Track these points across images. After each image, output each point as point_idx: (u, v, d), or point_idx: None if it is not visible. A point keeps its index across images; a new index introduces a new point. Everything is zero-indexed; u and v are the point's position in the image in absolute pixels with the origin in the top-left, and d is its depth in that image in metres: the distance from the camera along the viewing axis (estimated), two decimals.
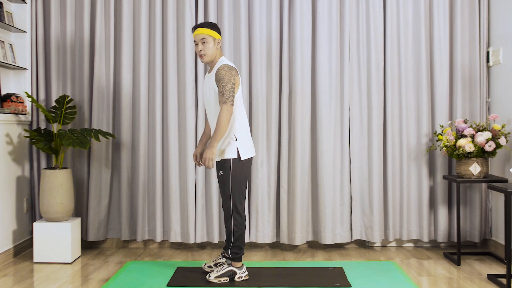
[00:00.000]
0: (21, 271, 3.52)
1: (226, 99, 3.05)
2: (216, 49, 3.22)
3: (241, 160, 3.16)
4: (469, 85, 4.10)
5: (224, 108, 3.05)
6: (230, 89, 3.07)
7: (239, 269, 3.24)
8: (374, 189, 4.06)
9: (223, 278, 3.21)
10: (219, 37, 3.23)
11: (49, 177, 3.71)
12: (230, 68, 3.14)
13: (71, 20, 4.11)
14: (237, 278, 3.23)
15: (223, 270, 3.22)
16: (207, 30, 3.18)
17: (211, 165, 3.06)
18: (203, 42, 3.18)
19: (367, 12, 4.08)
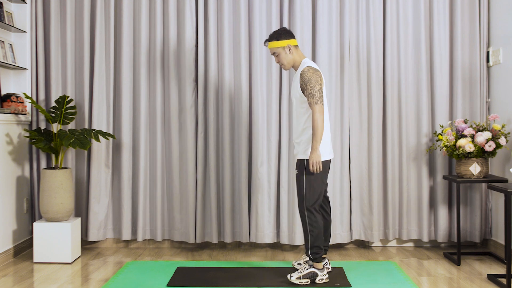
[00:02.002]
0: (21, 271, 3.52)
1: (317, 100, 3.06)
2: (291, 54, 3.23)
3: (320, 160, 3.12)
4: (469, 85, 4.10)
5: (316, 109, 3.05)
6: (319, 90, 3.08)
7: (321, 271, 3.19)
8: (374, 189, 4.06)
9: (304, 279, 3.16)
10: (287, 43, 3.21)
11: (49, 177, 3.71)
12: (315, 70, 3.14)
13: (71, 20, 4.11)
14: (318, 280, 3.17)
15: (305, 271, 3.16)
16: (273, 43, 3.22)
17: (319, 168, 3.07)
18: (276, 55, 3.25)
19: (367, 12, 4.08)
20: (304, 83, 3.11)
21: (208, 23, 4.09)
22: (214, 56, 4.08)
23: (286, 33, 3.24)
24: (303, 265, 3.22)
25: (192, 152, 4.07)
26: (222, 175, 4.08)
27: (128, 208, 4.12)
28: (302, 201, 3.16)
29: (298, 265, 3.47)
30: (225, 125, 4.06)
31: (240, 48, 4.07)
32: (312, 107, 3.08)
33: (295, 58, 3.25)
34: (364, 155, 4.10)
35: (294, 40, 3.25)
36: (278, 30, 3.26)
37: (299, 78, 3.15)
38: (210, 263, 3.69)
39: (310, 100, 3.08)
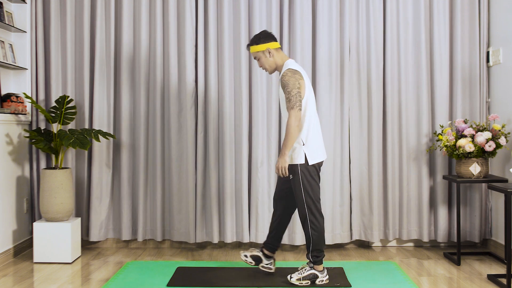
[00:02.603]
0: (21, 271, 3.52)
1: (293, 105, 3.00)
2: (272, 57, 3.19)
3: (309, 165, 3.11)
4: (469, 85, 4.10)
5: (292, 113, 3.00)
6: (296, 94, 3.02)
7: (321, 272, 3.19)
8: (374, 189, 4.06)
9: (304, 281, 3.16)
10: (266, 47, 3.18)
11: (49, 177, 3.71)
12: (294, 73, 3.09)
13: (71, 20, 4.11)
14: (318, 281, 3.18)
15: (305, 273, 3.17)
16: (253, 48, 3.20)
17: (285, 173, 3.06)
18: (257, 60, 3.23)
19: (367, 12, 4.08)
20: (283, 87, 3.08)
21: (208, 23, 4.09)
22: (214, 56, 4.08)
23: (265, 36, 3.20)
24: (304, 267, 3.22)
25: (192, 152, 4.07)
26: (222, 175, 4.08)
27: (128, 208, 4.12)
28: (303, 206, 3.13)
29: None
30: (225, 125, 4.06)
31: (240, 48, 4.06)
32: (288, 111, 3.03)
33: (277, 61, 3.21)
34: (364, 155, 4.10)
35: (274, 42, 3.20)
36: (258, 34, 3.23)
37: (280, 81, 3.13)
38: (210, 263, 3.69)
39: (287, 104, 3.04)
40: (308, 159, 3.10)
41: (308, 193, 3.12)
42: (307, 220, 3.13)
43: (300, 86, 3.06)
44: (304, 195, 3.12)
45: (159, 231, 4.12)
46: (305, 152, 3.10)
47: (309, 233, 3.13)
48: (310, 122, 3.13)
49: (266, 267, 3.36)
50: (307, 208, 3.12)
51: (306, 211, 3.13)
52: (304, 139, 3.11)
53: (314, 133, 3.14)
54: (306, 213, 3.13)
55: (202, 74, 4.10)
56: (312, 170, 3.13)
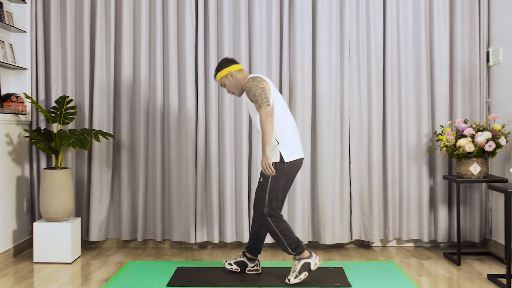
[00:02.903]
0: (21, 271, 3.52)
1: (260, 103, 3.03)
2: (236, 80, 3.25)
3: (284, 162, 3.11)
4: (469, 85, 4.10)
5: (262, 111, 3.02)
6: (260, 93, 3.05)
7: (310, 257, 3.18)
8: (374, 189, 4.06)
9: (302, 274, 3.16)
10: (227, 71, 3.24)
11: (49, 177, 3.71)
12: (254, 78, 3.14)
13: (71, 20, 4.11)
14: (313, 267, 3.17)
15: (298, 268, 3.16)
16: (217, 76, 3.28)
17: (271, 171, 3.05)
18: (224, 85, 3.29)
19: (367, 12, 4.08)
20: (247, 94, 3.12)
21: (208, 23, 4.09)
22: (214, 56, 4.08)
23: (225, 62, 3.27)
24: (294, 263, 3.23)
25: (192, 152, 4.07)
26: (222, 175, 4.08)
27: (128, 208, 4.12)
28: (263, 207, 3.13)
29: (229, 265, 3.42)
30: (225, 125, 4.06)
31: (240, 48, 4.07)
32: (258, 111, 3.05)
33: (241, 81, 3.26)
34: (364, 155, 4.10)
35: (234, 65, 3.27)
36: (220, 62, 3.31)
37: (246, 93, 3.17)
38: (210, 263, 3.69)
39: (256, 106, 3.07)
40: (284, 157, 3.11)
41: (275, 192, 3.12)
42: (269, 222, 3.11)
43: (264, 86, 3.10)
44: (268, 193, 3.11)
45: (159, 231, 4.12)
46: (280, 150, 3.11)
47: (275, 230, 3.13)
48: (280, 122, 3.15)
49: (253, 269, 3.37)
50: (267, 204, 3.11)
51: (266, 209, 3.11)
52: (278, 138, 3.13)
53: (287, 132, 3.16)
54: (267, 216, 3.11)
55: (202, 74, 4.10)
56: (288, 168, 3.13)
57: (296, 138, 3.22)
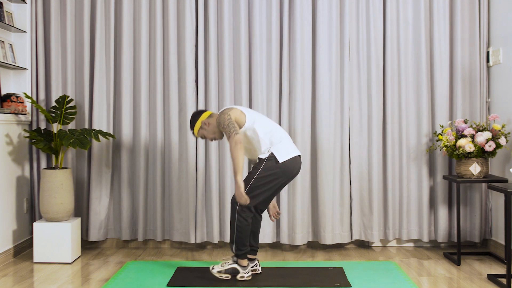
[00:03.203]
0: (21, 271, 3.52)
1: (229, 133, 3.08)
2: (211, 125, 3.28)
3: (278, 162, 3.12)
4: (469, 85, 4.10)
5: (231, 140, 3.06)
6: (228, 123, 3.10)
7: (243, 268, 3.21)
8: (374, 189, 4.06)
9: (224, 274, 3.19)
10: (200, 122, 3.29)
11: (49, 177, 3.71)
12: (221, 112, 3.21)
13: (71, 20, 4.11)
14: (239, 277, 3.20)
15: (227, 266, 3.19)
16: (194, 131, 3.34)
17: (244, 199, 3.06)
18: (205, 137, 3.33)
19: (367, 12, 4.08)
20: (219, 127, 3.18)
21: (208, 23, 4.09)
22: (214, 56, 4.08)
23: (195, 115, 3.32)
24: (228, 259, 3.23)
25: (192, 152, 4.07)
26: (222, 175, 4.08)
27: (128, 208, 4.12)
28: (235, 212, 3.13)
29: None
30: None
31: (240, 48, 4.07)
32: (228, 141, 3.09)
33: (215, 124, 3.28)
34: (364, 155, 4.10)
35: (204, 114, 3.31)
36: (190, 118, 3.35)
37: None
38: (210, 263, 3.69)
39: (227, 137, 3.11)
40: (278, 158, 3.11)
41: (257, 190, 3.11)
42: (236, 212, 3.12)
43: (231, 116, 3.14)
44: (250, 188, 3.11)
45: (159, 231, 4.12)
46: (272, 151, 3.13)
47: (235, 224, 3.13)
48: (266, 130, 3.17)
49: (253, 269, 3.36)
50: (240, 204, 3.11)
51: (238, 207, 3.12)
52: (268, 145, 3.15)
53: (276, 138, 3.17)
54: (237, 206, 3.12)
55: (202, 74, 4.10)
56: (280, 168, 3.11)
57: (288, 140, 3.23)
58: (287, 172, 3.16)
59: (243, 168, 3.07)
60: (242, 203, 3.08)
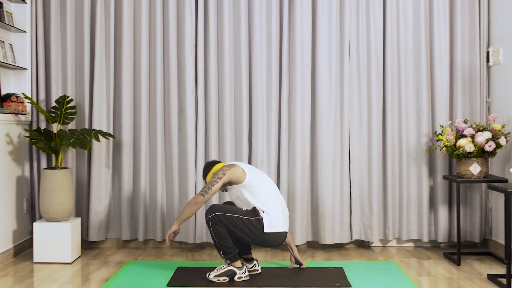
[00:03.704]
0: (21, 271, 3.52)
1: (202, 189, 3.16)
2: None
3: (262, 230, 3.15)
4: (469, 85, 4.10)
5: (196, 196, 3.14)
6: (210, 182, 3.17)
7: (239, 269, 3.23)
8: (374, 189, 4.06)
9: (222, 277, 3.21)
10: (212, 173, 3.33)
11: (49, 177, 3.71)
12: (221, 168, 3.24)
13: (71, 20, 4.11)
14: (236, 278, 3.22)
15: (222, 270, 3.21)
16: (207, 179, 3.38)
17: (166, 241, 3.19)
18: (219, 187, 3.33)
19: (367, 12, 4.08)
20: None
21: (208, 23, 4.09)
22: (214, 56, 4.08)
23: (208, 165, 3.38)
24: (222, 265, 3.25)
25: (192, 152, 4.07)
26: None
27: (129, 208, 4.12)
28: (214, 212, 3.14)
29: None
30: (225, 125, 4.06)
31: (240, 48, 4.07)
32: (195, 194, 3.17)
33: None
34: (364, 155, 4.10)
35: (216, 165, 3.35)
36: (204, 167, 3.40)
37: None
38: (210, 263, 3.69)
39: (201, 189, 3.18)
40: (265, 227, 3.15)
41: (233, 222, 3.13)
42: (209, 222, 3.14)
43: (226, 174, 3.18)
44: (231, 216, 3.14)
45: (159, 231, 4.12)
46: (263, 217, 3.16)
47: (212, 233, 3.16)
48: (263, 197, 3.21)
49: (252, 270, 3.37)
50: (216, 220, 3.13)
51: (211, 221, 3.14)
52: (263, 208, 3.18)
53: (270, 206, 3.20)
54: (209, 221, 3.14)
55: (202, 74, 4.10)
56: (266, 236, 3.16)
57: (280, 212, 3.23)
58: (265, 241, 3.20)
59: (184, 220, 3.16)
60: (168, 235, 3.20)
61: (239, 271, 3.22)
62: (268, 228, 3.16)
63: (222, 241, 3.15)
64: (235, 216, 3.14)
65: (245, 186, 3.22)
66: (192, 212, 3.15)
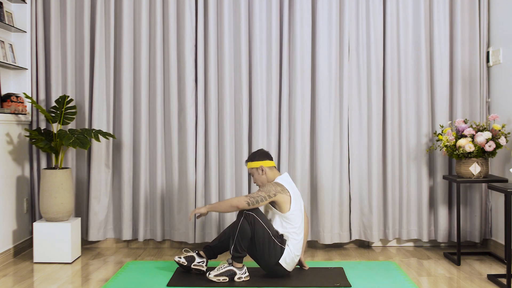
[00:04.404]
0: (21, 271, 3.52)
1: (251, 196, 3.12)
2: (264, 174, 3.31)
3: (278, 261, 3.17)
4: (469, 85, 4.10)
5: (241, 199, 3.11)
6: (260, 195, 3.14)
7: (239, 269, 3.23)
8: (374, 189, 4.06)
9: (222, 277, 3.21)
10: (260, 164, 3.31)
11: (49, 177, 3.71)
12: (276, 184, 3.21)
13: (71, 20, 4.11)
14: (236, 278, 3.22)
15: (223, 269, 3.21)
16: (249, 164, 3.36)
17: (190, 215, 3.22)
18: (252, 175, 3.37)
19: (367, 12, 4.08)
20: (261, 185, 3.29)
21: (208, 23, 4.09)
22: (214, 56, 4.08)
23: (261, 154, 3.35)
24: (223, 263, 3.26)
25: (192, 152, 4.07)
26: (222, 175, 4.08)
27: (129, 208, 4.12)
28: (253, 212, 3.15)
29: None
30: (225, 125, 4.06)
31: (240, 48, 4.07)
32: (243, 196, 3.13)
33: (269, 178, 3.33)
34: (364, 155, 4.10)
35: (268, 161, 3.34)
36: (255, 151, 3.39)
37: None
38: (210, 263, 3.69)
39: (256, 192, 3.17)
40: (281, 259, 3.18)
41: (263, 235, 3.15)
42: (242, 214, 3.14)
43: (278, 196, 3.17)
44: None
45: (159, 231, 4.12)
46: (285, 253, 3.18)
47: (238, 226, 3.14)
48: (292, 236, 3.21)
49: (198, 265, 3.36)
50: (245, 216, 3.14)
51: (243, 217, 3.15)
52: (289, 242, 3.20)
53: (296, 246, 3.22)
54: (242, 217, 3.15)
55: (202, 74, 4.10)
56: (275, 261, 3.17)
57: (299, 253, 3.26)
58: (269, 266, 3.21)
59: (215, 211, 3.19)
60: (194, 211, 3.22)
61: (239, 272, 3.23)
62: (283, 262, 3.19)
63: (242, 239, 3.15)
64: (266, 230, 3.15)
65: (283, 216, 3.23)
66: (227, 211, 3.16)
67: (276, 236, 3.19)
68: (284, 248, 3.19)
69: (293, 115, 4.06)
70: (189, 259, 3.35)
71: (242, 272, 3.23)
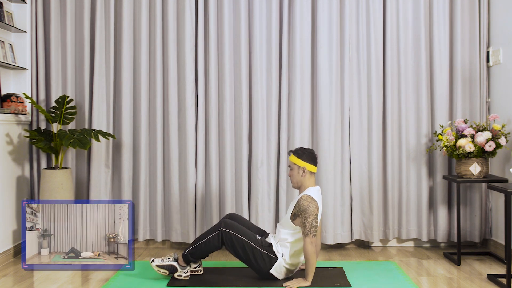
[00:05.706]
0: (21, 271, 3.52)
1: (308, 231, 3.04)
2: (303, 177, 3.21)
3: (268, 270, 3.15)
4: (469, 85, 4.10)
5: (307, 240, 3.03)
6: (312, 221, 3.05)
7: (182, 268, 3.23)
8: (374, 189, 4.06)
9: (162, 269, 3.22)
10: (304, 165, 3.20)
11: (49, 177, 3.71)
12: (312, 200, 3.11)
13: (71, 20, 4.11)
14: (176, 275, 3.22)
15: (166, 262, 3.22)
16: (293, 157, 3.24)
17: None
18: (290, 169, 3.26)
19: (367, 12, 4.08)
20: (300, 211, 3.11)
21: (208, 23, 4.09)
22: (214, 56, 4.08)
23: (309, 155, 3.23)
24: (169, 256, 3.26)
25: (192, 152, 4.07)
26: (222, 175, 4.08)
27: None
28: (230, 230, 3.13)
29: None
30: (225, 125, 4.06)
31: (240, 48, 4.07)
32: (303, 237, 3.07)
33: (304, 183, 3.24)
34: (364, 155, 4.10)
35: (313, 166, 3.22)
36: (305, 149, 3.26)
37: (295, 203, 3.17)
38: (210, 263, 3.69)
39: (302, 230, 3.08)
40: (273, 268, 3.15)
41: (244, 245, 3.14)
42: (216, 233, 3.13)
43: (317, 216, 3.10)
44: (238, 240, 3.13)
45: (159, 231, 4.12)
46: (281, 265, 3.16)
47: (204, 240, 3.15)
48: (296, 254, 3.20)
49: (196, 270, 3.33)
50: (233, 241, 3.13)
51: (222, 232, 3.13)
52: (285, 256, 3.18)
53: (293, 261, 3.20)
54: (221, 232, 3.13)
55: (202, 74, 4.10)
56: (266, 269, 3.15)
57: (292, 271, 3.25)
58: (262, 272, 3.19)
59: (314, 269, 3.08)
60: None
61: (180, 270, 3.22)
62: (274, 271, 3.17)
63: (204, 248, 3.17)
64: (246, 242, 3.13)
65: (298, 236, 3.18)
66: (316, 257, 3.09)
67: (262, 244, 3.17)
68: (277, 259, 3.16)
69: (293, 115, 4.06)
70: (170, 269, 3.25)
71: (183, 271, 3.23)
